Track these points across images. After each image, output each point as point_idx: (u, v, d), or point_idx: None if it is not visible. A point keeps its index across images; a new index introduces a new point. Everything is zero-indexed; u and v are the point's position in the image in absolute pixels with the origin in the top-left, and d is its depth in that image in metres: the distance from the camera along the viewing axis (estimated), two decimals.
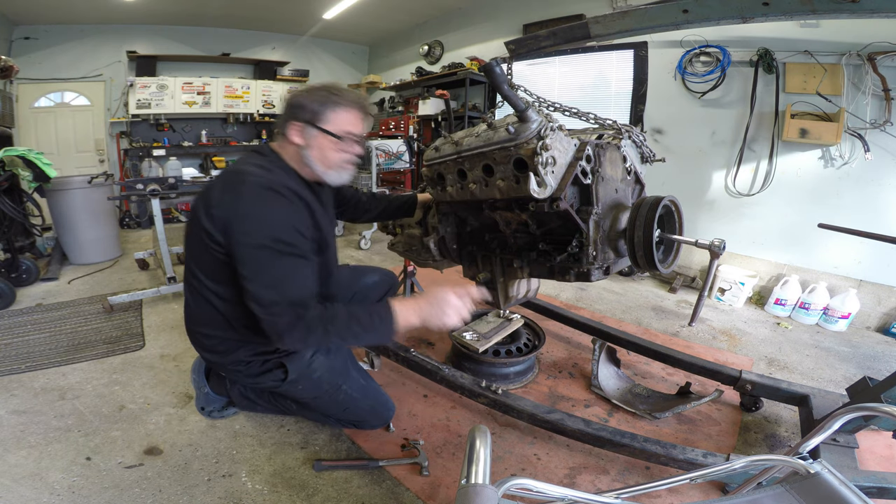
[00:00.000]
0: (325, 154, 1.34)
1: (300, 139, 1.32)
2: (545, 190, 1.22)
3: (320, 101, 1.30)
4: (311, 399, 1.54)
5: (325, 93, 1.31)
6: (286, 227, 1.21)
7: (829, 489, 0.82)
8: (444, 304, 1.27)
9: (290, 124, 1.32)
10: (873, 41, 2.55)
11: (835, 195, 2.87)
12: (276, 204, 1.22)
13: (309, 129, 1.31)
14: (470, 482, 0.68)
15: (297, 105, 1.31)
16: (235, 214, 1.20)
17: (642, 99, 3.74)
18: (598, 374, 1.96)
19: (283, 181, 1.26)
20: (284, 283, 1.19)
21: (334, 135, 1.32)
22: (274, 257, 1.18)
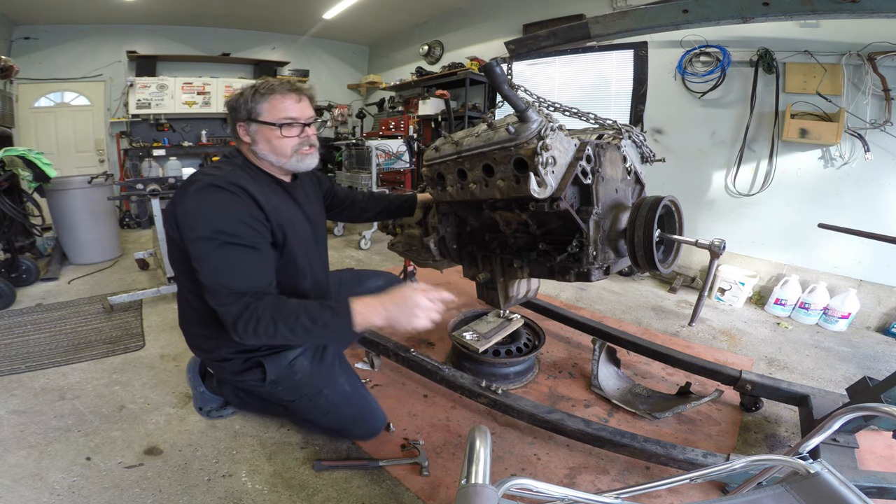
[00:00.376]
0: (273, 144, 1.36)
1: (247, 137, 1.37)
2: (545, 190, 1.22)
3: (248, 97, 1.34)
4: (290, 402, 1.51)
5: (251, 89, 1.36)
6: (227, 218, 1.22)
7: (829, 489, 0.82)
8: (411, 306, 1.20)
9: (236, 127, 1.38)
10: (873, 41, 2.55)
11: (835, 195, 2.87)
12: (217, 197, 1.24)
13: (250, 126, 1.35)
14: (470, 482, 0.68)
15: (233, 107, 1.37)
16: (182, 212, 1.25)
17: (642, 99, 3.74)
18: (598, 374, 1.96)
19: (228, 177, 1.28)
20: (227, 271, 1.20)
21: (272, 123, 1.34)
22: (215, 247, 1.20)
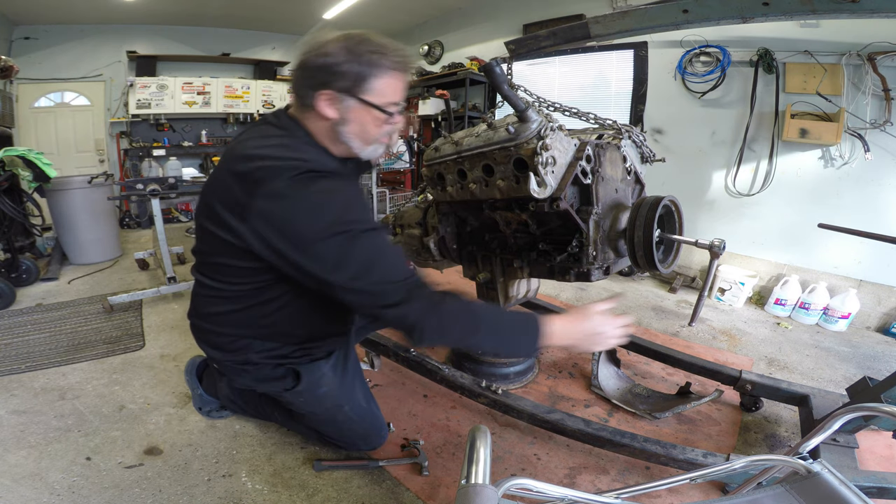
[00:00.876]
0: (366, 129, 1.11)
1: (334, 112, 1.07)
2: (545, 190, 1.23)
3: (363, 63, 1.03)
4: (308, 413, 1.43)
5: (365, 50, 1.03)
6: (351, 203, 1.00)
7: (829, 489, 0.82)
8: (599, 333, 1.11)
9: (319, 93, 1.05)
10: (873, 41, 2.55)
11: (835, 195, 2.87)
12: (327, 185, 1.01)
13: (346, 101, 1.06)
14: (470, 482, 0.68)
15: (328, 69, 1.03)
16: (282, 219, 0.98)
17: (642, 99, 3.74)
18: (598, 374, 1.96)
19: (318, 161, 1.06)
20: (381, 262, 1.00)
21: (380, 108, 1.08)
22: (353, 239, 0.97)
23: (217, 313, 1.27)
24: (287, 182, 0.98)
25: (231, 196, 1.04)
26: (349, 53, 1.03)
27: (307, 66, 1.06)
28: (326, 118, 1.08)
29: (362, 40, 1.05)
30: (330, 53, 1.03)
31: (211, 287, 1.24)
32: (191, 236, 4.81)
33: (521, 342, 1.09)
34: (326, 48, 1.03)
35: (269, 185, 0.99)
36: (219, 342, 1.32)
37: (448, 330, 1.03)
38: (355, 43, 1.04)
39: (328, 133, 1.12)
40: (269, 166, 1.01)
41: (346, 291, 1.01)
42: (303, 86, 1.08)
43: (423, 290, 1.02)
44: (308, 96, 1.08)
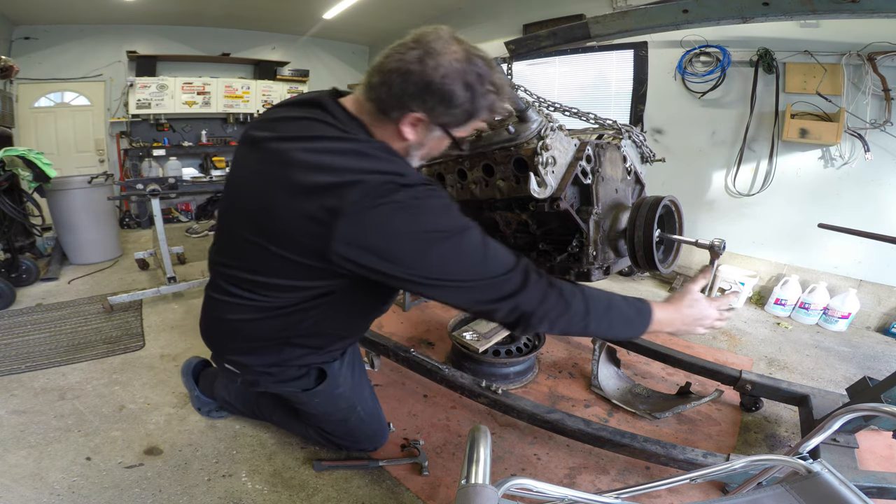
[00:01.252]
0: (431, 152, 1.06)
1: (413, 136, 0.97)
2: (545, 190, 1.23)
3: (476, 103, 0.94)
4: (321, 414, 1.40)
5: (481, 87, 0.93)
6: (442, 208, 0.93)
7: (829, 489, 0.82)
8: (703, 318, 1.11)
9: (409, 117, 0.94)
10: (873, 41, 2.54)
11: (835, 195, 2.87)
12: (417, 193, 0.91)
13: (434, 132, 0.97)
14: (470, 482, 0.68)
15: (444, 98, 0.90)
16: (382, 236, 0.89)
17: (642, 99, 3.73)
18: (598, 374, 1.96)
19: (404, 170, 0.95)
20: (491, 253, 0.94)
21: (457, 142, 1.01)
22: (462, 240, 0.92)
23: (247, 320, 1.16)
24: (373, 199, 0.87)
25: (300, 212, 0.91)
26: (467, 89, 0.91)
27: (418, 75, 0.89)
28: (403, 138, 0.97)
29: (482, 73, 0.93)
30: (449, 76, 0.89)
31: (242, 297, 1.12)
32: (191, 236, 4.80)
33: (630, 328, 1.06)
34: (445, 63, 0.89)
35: (358, 203, 0.87)
36: (245, 347, 1.23)
37: (561, 316, 0.98)
38: (476, 75, 0.92)
39: (401, 149, 1.01)
40: (351, 182, 0.88)
41: (464, 291, 0.94)
42: (397, 95, 0.92)
43: (534, 276, 0.96)
44: (396, 108, 0.93)
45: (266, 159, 0.99)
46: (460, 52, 0.91)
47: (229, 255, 1.14)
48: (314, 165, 0.91)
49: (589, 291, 1.02)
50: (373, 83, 0.94)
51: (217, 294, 1.19)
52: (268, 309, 1.11)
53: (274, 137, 1.00)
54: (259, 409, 1.61)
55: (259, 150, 1.02)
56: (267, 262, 1.03)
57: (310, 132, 0.97)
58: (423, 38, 0.91)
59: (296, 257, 0.97)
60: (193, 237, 4.81)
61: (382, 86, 0.93)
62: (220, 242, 1.19)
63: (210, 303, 1.24)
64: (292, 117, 1.03)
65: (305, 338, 1.19)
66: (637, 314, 1.05)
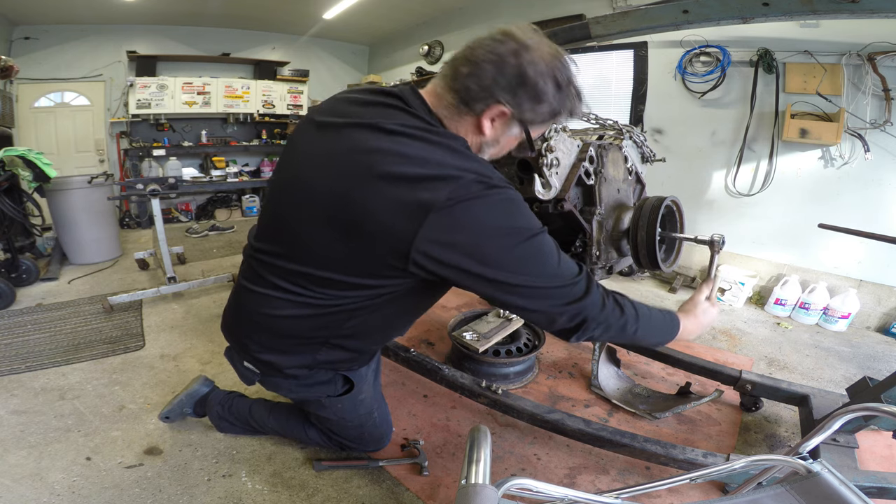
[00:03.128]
0: (502, 150, 1.03)
1: (491, 131, 0.94)
2: (550, 191, 1.23)
3: (562, 102, 0.92)
4: (339, 419, 1.37)
5: (571, 93, 0.93)
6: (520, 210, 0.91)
7: (829, 489, 0.82)
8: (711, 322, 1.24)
9: (494, 109, 0.90)
10: (873, 41, 2.55)
11: (835, 195, 2.87)
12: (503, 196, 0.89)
13: (513, 128, 0.95)
14: (470, 482, 0.68)
15: (535, 93, 0.89)
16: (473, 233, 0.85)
17: (642, 99, 3.74)
18: (598, 374, 1.96)
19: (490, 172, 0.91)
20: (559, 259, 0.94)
21: (531, 144, 1.00)
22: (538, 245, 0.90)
23: (286, 317, 1.08)
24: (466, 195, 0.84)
25: (386, 202, 0.85)
26: (558, 88, 0.90)
27: (512, 67, 0.87)
28: (481, 133, 0.94)
29: (570, 75, 0.93)
30: (541, 72, 0.88)
31: (287, 290, 1.05)
32: (191, 236, 4.80)
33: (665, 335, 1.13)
34: (539, 62, 0.88)
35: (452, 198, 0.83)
36: (277, 345, 1.15)
37: (617, 321, 1.00)
38: (567, 77, 0.92)
39: (474, 144, 0.98)
40: (444, 175, 0.84)
41: (539, 293, 0.92)
42: (486, 85, 0.88)
43: (594, 282, 0.98)
44: (482, 99, 0.90)
45: (342, 143, 0.92)
46: (552, 49, 0.90)
47: (278, 243, 1.04)
48: (403, 154, 0.86)
49: (633, 304, 1.05)
50: (459, 73, 0.90)
51: (254, 285, 1.10)
52: (314, 306, 1.04)
53: (350, 123, 0.93)
54: (253, 419, 1.57)
55: (331, 132, 0.95)
56: (328, 255, 0.96)
57: (392, 119, 0.90)
58: (513, 33, 0.90)
59: (368, 251, 0.91)
60: (193, 237, 4.82)
61: (471, 76, 0.89)
62: (268, 229, 1.09)
63: (244, 294, 1.14)
64: (369, 101, 0.96)
65: (345, 339, 1.13)
66: (670, 322, 1.13)
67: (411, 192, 0.83)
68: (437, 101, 0.95)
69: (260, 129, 6.50)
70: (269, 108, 6.33)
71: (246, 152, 6.41)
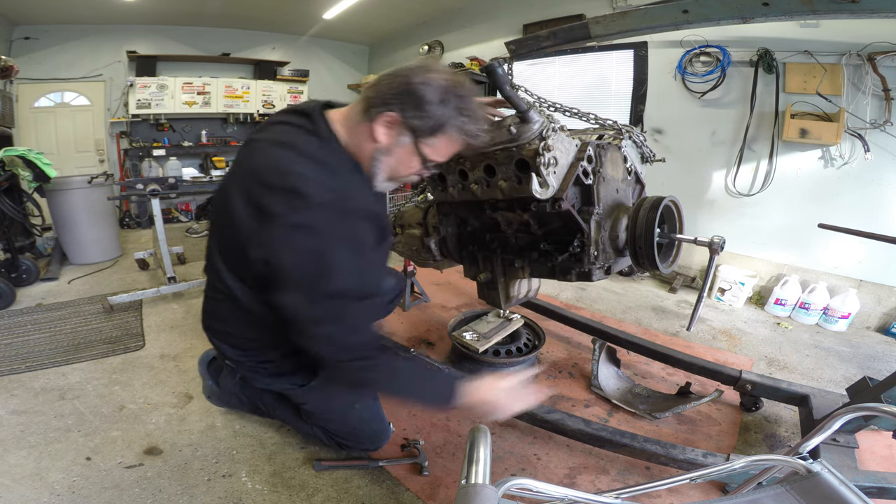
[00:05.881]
0: (399, 168, 1.08)
1: (385, 138, 1.03)
2: (547, 190, 1.23)
3: (446, 115, 1.00)
4: (320, 411, 1.45)
5: (456, 104, 1.00)
6: (355, 269, 1.01)
7: (829, 489, 0.83)
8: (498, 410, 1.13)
9: (388, 112, 1.00)
10: (873, 41, 2.55)
11: (835, 195, 2.87)
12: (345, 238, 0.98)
13: (404, 136, 1.02)
14: (470, 482, 0.68)
15: (417, 99, 0.98)
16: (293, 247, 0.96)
17: (642, 99, 3.74)
18: (598, 374, 1.96)
19: (355, 196, 1.01)
20: (357, 329, 1.05)
21: (424, 159, 1.06)
22: (346, 305, 1.01)
23: (237, 318, 1.23)
24: (315, 213, 0.95)
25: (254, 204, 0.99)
26: (442, 99, 0.99)
27: (402, 79, 1.00)
28: (374, 140, 1.03)
29: (461, 94, 1.01)
30: (429, 85, 0.98)
31: (229, 291, 1.18)
32: (191, 236, 4.80)
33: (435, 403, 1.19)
34: (430, 79, 0.99)
35: (299, 213, 0.95)
36: (235, 342, 1.30)
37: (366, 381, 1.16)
38: (456, 94, 1.00)
39: (364, 152, 1.07)
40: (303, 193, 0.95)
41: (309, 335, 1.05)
42: (383, 93, 1.01)
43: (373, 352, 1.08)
44: (376, 108, 1.01)
45: (245, 154, 1.13)
46: (450, 77, 1.02)
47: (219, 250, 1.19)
48: (279, 170, 0.99)
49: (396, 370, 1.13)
50: (370, 83, 1.05)
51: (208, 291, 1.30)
52: (248, 298, 1.16)
53: (257, 139, 1.14)
54: (263, 404, 1.62)
55: (246, 147, 1.17)
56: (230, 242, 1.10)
57: (285, 135, 1.07)
58: (421, 63, 1.04)
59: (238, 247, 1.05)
60: (193, 237, 4.81)
61: (374, 86, 1.03)
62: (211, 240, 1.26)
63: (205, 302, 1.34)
64: (279, 121, 1.14)
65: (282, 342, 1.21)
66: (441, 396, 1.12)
67: (262, 197, 0.98)
68: (343, 117, 1.09)
69: None
70: (269, 108, 6.33)
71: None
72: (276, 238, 0.97)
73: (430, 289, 3.06)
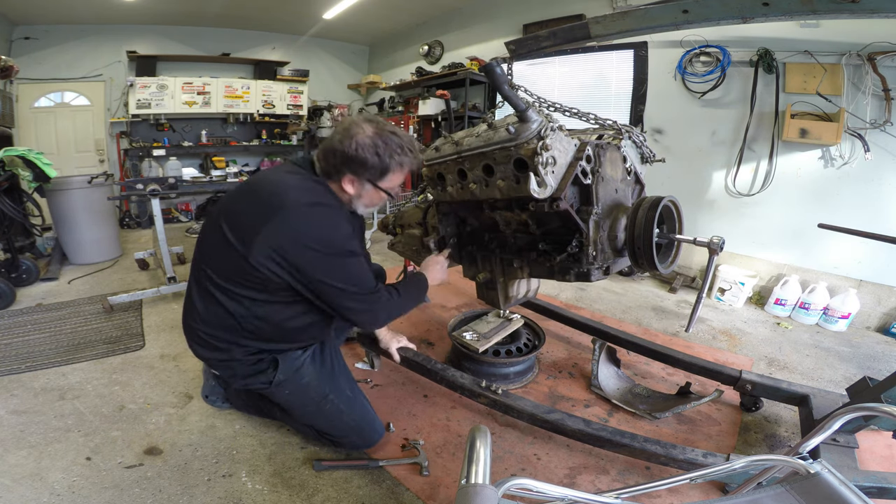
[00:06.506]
0: (373, 202, 1.42)
1: (353, 190, 1.35)
2: (545, 190, 1.23)
3: (385, 160, 1.30)
4: (298, 407, 1.50)
5: (385, 148, 1.30)
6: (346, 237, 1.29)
7: (829, 489, 0.83)
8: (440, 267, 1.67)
9: (345, 176, 1.32)
10: (873, 41, 2.55)
11: (835, 195, 2.87)
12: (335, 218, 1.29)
13: (366, 185, 1.35)
14: (470, 482, 0.68)
15: (359, 162, 1.29)
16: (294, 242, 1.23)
17: (642, 99, 3.74)
18: (598, 374, 1.96)
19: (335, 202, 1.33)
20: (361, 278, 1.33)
21: (388, 192, 1.38)
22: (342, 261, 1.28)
23: (212, 317, 1.38)
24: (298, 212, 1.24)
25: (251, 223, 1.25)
26: (376, 151, 1.28)
27: (341, 153, 1.29)
28: (346, 192, 1.36)
29: (387, 139, 1.30)
30: (360, 146, 1.28)
31: (208, 292, 1.36)
32: (191, 236, 4.80)
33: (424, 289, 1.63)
34: (359, 141, 1.28)
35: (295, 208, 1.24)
36: (210, 342, 1.41)
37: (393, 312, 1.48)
38: (381, 139, 1.29)
39: (346, 200, 1.39)
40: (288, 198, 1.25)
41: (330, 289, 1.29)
42: (333, 166, 1.32)
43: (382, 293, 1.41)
44: (335, 173, 1.33)
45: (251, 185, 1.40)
46: (370, 130, 1.30)
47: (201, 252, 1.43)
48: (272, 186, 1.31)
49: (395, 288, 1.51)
50: (322, 158, 1.35)
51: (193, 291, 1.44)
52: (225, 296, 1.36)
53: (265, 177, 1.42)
54: (264, 402, 1.65)
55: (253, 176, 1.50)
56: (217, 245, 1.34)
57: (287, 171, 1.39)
58: (344, 126, 1.32)
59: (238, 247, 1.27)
60: (193, 237, 4.81)
61: (323, 160, 1.35)
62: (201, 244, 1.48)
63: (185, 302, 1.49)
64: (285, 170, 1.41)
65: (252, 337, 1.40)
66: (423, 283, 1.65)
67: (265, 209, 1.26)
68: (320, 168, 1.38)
69: (260, 129, 6.50)
70: (269, 108, 6.33)
71: (246, 152, 6.41)
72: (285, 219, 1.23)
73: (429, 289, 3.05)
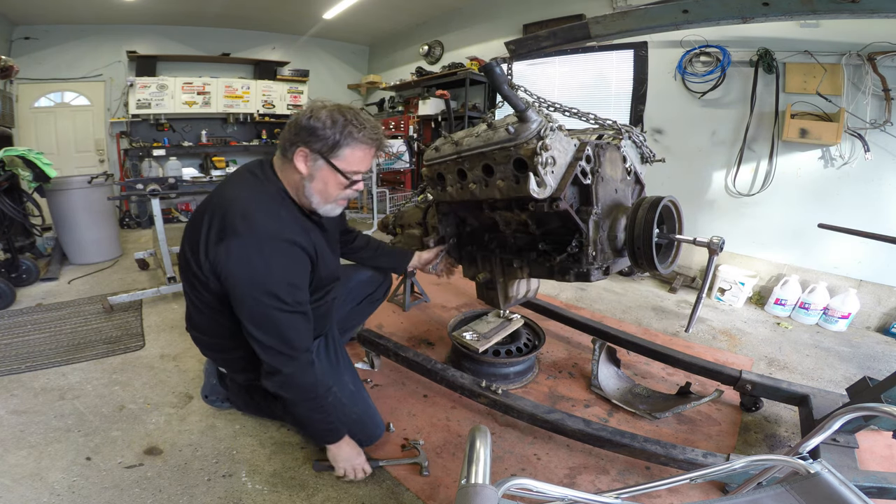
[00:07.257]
0: (328, 189, 1.26)
1: (305, 168, 1.23)
2: (545, 190, 1.23)
3: (338, 132, 1.19)
4: None
5: (343, 121, 1.19)
6: (283, 284, 1.19)
7: (829, 489, 0.83)
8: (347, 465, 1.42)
9: (298, 149, 1.21)
10: (873, 41, 2.55)
11: (835, 195, 2.87)
12: (274, 259, 1.18)
13: (317, 161, 1.21)
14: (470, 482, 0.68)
15: (310, 130, 1.18)
16: (229, 267, 1.16)
17: (642, 99, 3.74)
18: (598, 374, 1.96)
19: (281, 230, 1.21)
20: (285, 335, 1.23)
21: (343, 173, 1.23)
22: (272, 312, 1.19)
23: (207, 324, 1.41)
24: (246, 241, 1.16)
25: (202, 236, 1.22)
26: (331, 121, 1.18)
27: (296, 123, 1.21)
28: (298, 172, 1.24)
29: (346, 113, 1.20)
30: (315, 118, 1.19)
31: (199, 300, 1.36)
32: None
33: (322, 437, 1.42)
34: (316, 113, 1.19)
35: (231, 238, 1.16)
36: (211, 345, 1.48)
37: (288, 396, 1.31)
38: (340, 114, 1.20)
39: (297, 186, 1.27)
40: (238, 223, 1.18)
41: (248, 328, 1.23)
42: (287, 139, 1.23)
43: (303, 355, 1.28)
44: (289, 149, 1.23)
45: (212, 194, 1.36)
46: (334, 105, 1.22)
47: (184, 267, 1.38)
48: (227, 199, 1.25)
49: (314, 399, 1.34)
50: (280, 138, 1.29)
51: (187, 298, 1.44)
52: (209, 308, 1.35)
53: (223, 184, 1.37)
54: (266, 402, 1.63)
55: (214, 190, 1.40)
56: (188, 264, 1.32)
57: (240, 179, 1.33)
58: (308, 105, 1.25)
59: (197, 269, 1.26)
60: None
61: (283, 136, 1.26)
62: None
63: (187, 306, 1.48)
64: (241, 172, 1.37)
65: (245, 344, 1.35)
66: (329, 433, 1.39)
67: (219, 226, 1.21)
68: (277, 161, 1.31)
69: (260, 129, 6.51)
70: (269, 108, 6.34)
71: (246, 152, 6.42)
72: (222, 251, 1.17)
73: (430, 289, 3.06)
